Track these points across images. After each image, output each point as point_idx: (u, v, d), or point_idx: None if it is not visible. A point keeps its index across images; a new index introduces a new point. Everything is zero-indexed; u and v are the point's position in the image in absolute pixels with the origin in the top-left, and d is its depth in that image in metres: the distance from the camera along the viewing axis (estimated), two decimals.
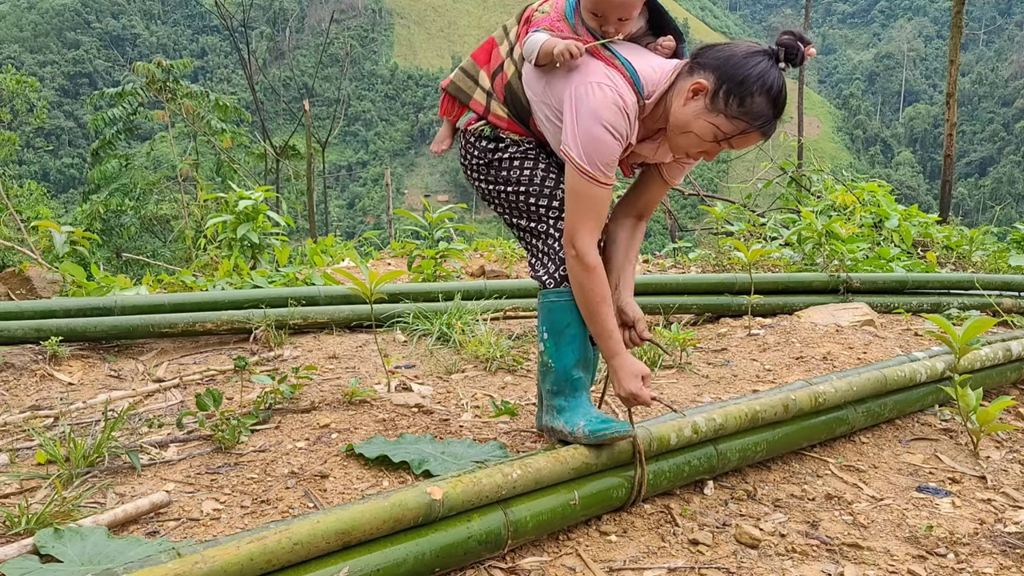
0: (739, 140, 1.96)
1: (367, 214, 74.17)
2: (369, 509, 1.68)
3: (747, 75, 1.88)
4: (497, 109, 2.19)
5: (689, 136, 1.97)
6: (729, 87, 1.89)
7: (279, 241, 5.97)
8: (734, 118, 1.91)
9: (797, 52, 1.91)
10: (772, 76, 1.89)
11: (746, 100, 1.89)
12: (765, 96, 1.89)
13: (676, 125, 1.99)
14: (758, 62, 1.90)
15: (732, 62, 1.91)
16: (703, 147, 1.98)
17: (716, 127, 1.93)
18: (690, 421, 2.25)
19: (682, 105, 1.96)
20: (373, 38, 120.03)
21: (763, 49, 1.92)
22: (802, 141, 13.87)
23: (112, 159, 17.23)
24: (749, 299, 4.30)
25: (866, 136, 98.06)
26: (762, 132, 1.93)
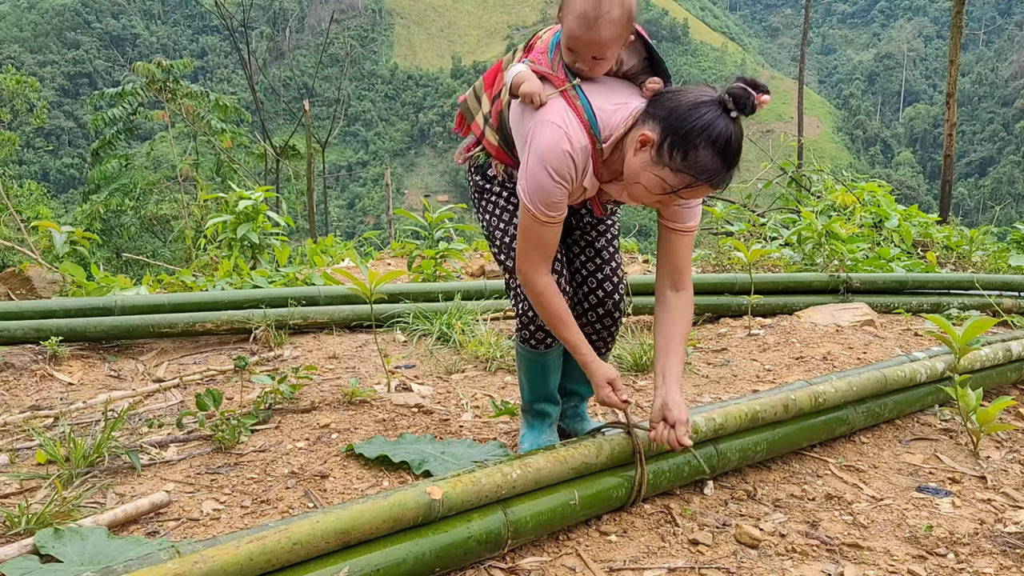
0: (687, 193, 1.90)
1: (367, 214, 74.16)
2: (369, 509, 1.68)
3: (691, 128, 1.81)
4: (490, 135, 2.23)
5: (638, 187, 1.94)
6: (673, 140, 1.83)
7: (279, 241, 5.97)
8: (679, 171, 1.85)
9: (747, 101, 1.82)
10: (718, 128, 1.81)
11: (689, 153, 1.82)
12: (710, 149, 1.81)
13: (628, 175, 1.95)
14: (703, 113, 1.82)
15: (677, 113, 1.84)
16: (652, 198, 1.95)
17: (662, 180, 1.88)
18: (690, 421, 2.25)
19: (632, 155, 1.92)
20: (373, 38, 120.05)
21: (711, 99, 1.84)
22: (802, 141, 13.87)
23: (112, 159, 17.22)
24: (749, 299, 4.30)
25: (866, 136, 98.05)
26: (711, 185, 1.86)
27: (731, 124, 1.82)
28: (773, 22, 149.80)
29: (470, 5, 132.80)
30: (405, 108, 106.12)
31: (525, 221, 2.04)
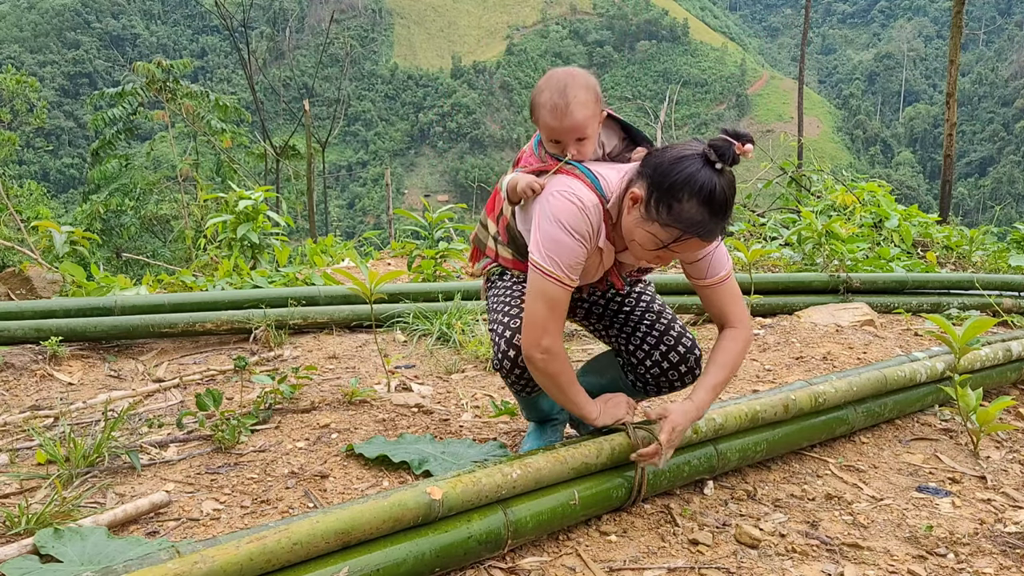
0: (679, 247, 1.90)
1: (367, 214, 74.18)
2: (369, 509, 1.68)
3: (673, 181, 1.83)
4: (503, 251, 2.28)
5: (634, 244, 1.97)
6: (658, 195, 1.86)
7: (279, 241, 5.97)
8: (667, 225, 1.86)
9: (728, 151, 1.83)
10: (701, 179, 1.82)
11: (674, 207, 1.84)
12: (694, 200, 1.82)
13: (625, 233, 1.99)
14: (686, 167, 1.83)
15: (660, 169, 1.87)
16: (649, 255, 1.96)
17: (653, 235, 1.89)
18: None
19: (627, 214, 1.96)
20: (373, 38, 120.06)
21: (694, 152, 1.85)
22: (802, 141, 13.87)
23: (112, 159, 17.22)
24: (749, 299, 4.30)
25: (866, 136, 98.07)
26: (700, 237, 1.86)
27: (715, 175, 1.83)
28: (773, 22, 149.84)
29: (470, 5, 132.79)
30: (405, 108, 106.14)
31: (538, 286, 1.98)
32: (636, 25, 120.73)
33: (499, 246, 2.28)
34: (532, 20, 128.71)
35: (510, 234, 2.23)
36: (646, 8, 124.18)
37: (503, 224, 2.25)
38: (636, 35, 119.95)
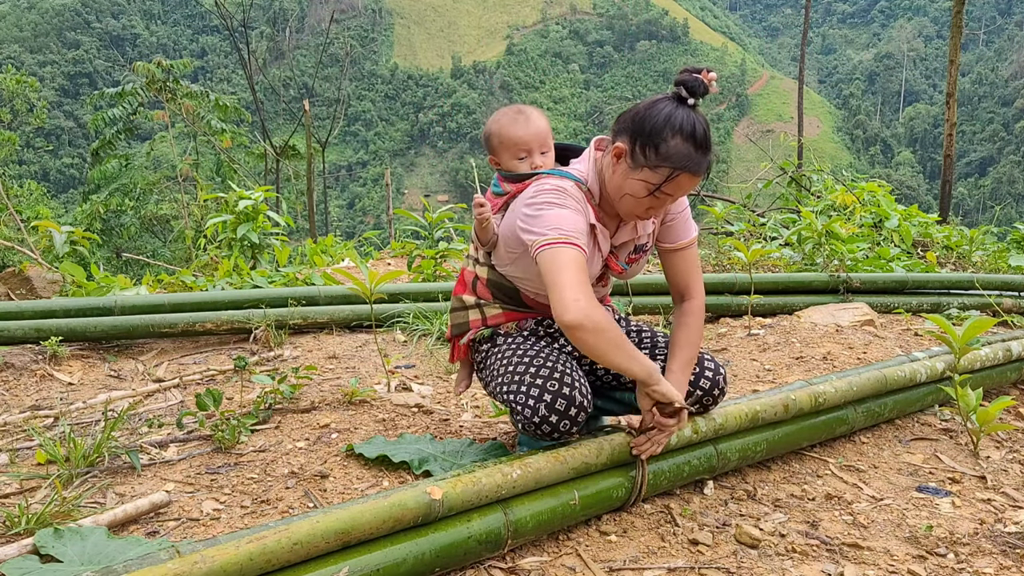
0: (671, 186, 1.96)
1: (367, 214, 74.19)
2: (369, 509, 1.68)
3: (655, 123, 1.92)
4: (492, 310, 2.29)
5: (626, 198, 2.02)
6: (642, 141, 1.94)
7: (279, 241, 5.97)
8: (657, 167, 1.93)
9: (697, 84, 1.93)
10: (679, 116, 1.91)
11: (661, 146, 1.92)
12: (679, 136, 1.91)
13: (613, 192, 2.05)
14: (662, 108, 1.93)
15: (638, 118, 1.95)
16: (642, 205, 2.01)
17: (644, 181, 1.96)
18: (690, 421, 2.25)
19: (612, 173, 2.03)
20: (373, 38, 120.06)
21: (664, 96, 1.96)
22: (802, 141, 13.87)
23: (112, 159, 17.23)
24: (749, 299, 4.30)
25: (866, 136, 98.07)
26: (690, 172, 1.93)
27: (691, 112, 1.94)
28: (773, 22, 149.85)
29: (470, 5, 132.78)
30: (405, 108, 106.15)
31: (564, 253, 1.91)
32: (636, 25, 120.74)
33: (485, 309, 2.29)
34: (532, 20, 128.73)
35: (494, 287, 2.26)
36: (646, 8, 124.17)
37: (483, 284, 2.29)
38: (636, 35, 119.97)
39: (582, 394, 2.04)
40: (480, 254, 2.30)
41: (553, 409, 2.01)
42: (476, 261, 2.32)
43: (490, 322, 2.29)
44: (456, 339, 2.37)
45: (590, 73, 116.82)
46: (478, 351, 2.32)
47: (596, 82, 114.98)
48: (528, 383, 2.06)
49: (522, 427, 2.08)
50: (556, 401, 2.01)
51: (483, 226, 2.18)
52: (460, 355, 2.38)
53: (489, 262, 2.26)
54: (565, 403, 2.01)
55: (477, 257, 2.32)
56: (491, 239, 2.20)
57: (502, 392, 2.14)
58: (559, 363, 2.11)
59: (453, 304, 2.38)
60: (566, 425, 2.02)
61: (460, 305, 2.35)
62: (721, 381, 2.24)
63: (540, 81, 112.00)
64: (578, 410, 2.02)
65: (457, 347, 2.38)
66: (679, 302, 2.27)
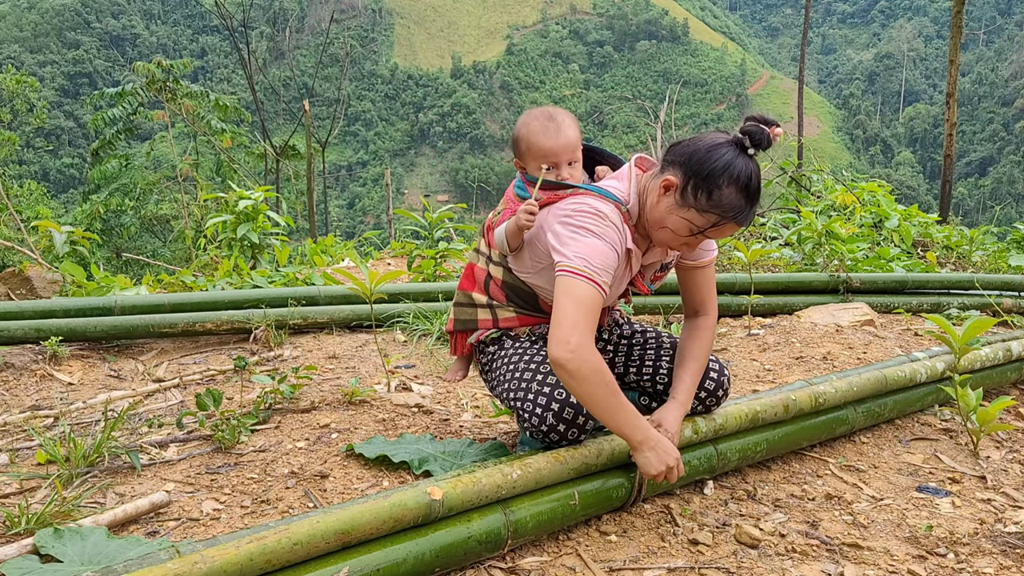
0: (714, 232, 1.96)
1: (367, 214, 74.19)
2: (369, 509, 1.68)
3: (712, 168, 1.89)
4: (504, 313, 2.25)
5: (665, 231, 2.00)
6: (696, 182, 1.90)
7: (279, 241, 5.97)
8: (705, 212, 1.92)
9: (763, 137, 1.90)
10: (738, 166, 1.89)
11: (714, 193, 1.89)
12: (734, 187, 1.89)
13: (653, 221, 2.01)
14: (723, 154, 1.89)
15: (697, 157, 1.91)
16: (680, 241, 2.00)
17: (689, 221, 1.94)
18: (690, 421, 2.25)
19: (656, 202, 1.99)
20: (373, 38, 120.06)
21: (728, 139, 1.92)
22: (802, 141, 13.87)
23: (112, 159, 17.22)
24: (749, 299, 4.30)
25: (866, 136, 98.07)
26: (736, 222, 1.93)
27: (749, 162, 1.91)
28: (773, 22, 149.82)
29: (470, 5, 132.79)
30: (405, 108, 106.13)
31: (582, 289, 1.90)
32: (636, 25, 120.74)
33: (498, 310, 2.24)
34: (532, 20, 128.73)
35: (510, 290, 2.21)
36: (646, 8, 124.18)
37: (496, 285, 2.23)
38: (636, 35, 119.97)
39: None
40: (494, 253, 2.23)
41: (560, 418, 2.00)
42: (489, 259, 2.25)
43: (502, 324, 2.25)
44: (460, 334, 2.35)
45: (590, 73, 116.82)
46: (484, 352, 2.30)
47: (596, 82, 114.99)
48: (536, 391, 2.05)
49: (530, 435, 2.08)
50: (564, 410, 2.00)
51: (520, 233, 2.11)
52: (462, 351, 2.36)
53: (505, 264, 2.20)
54: (573, 411, 2.00)
55: (490, 255, 2.25)
56: (518, 246, 2.15)
57: (510, 399, 2.13)
58: None
59: (460, 298, 2.33)
60: (574, 433, 2.02)
61: (468, 301, 2.30)
62: (725, 382, 2.24)
63: (540, 81, 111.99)
64: (585, 418, 2.01)
65: (460, 342, 2.35)
66: (692, 316, 2.25)
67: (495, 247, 2.22)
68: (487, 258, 2.26)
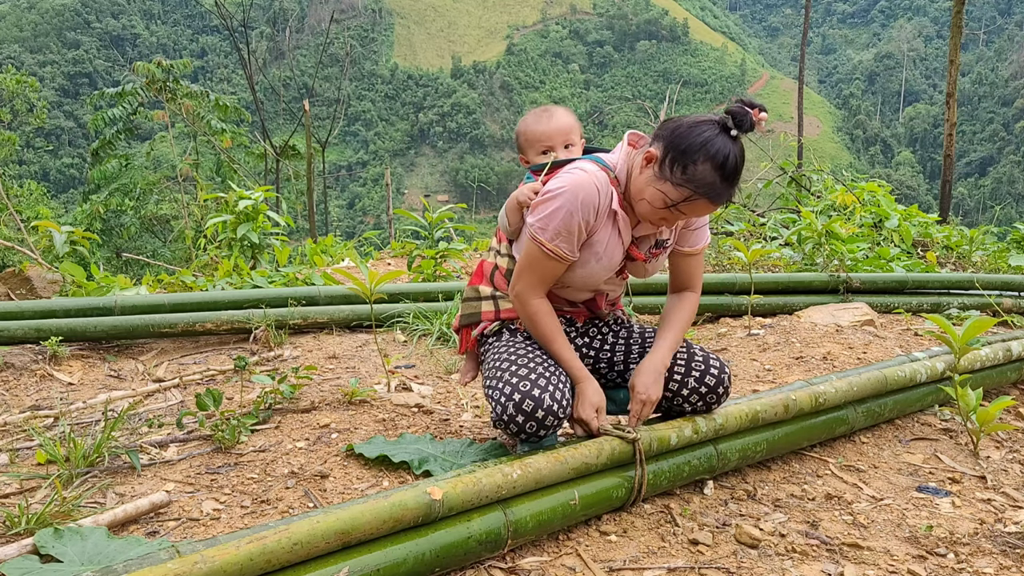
0: (687, 207, 2.00)
1: (367, 214, 74.18)
2: (369, 509, 1.68)
3: (690, 144, 1.94)
4: (506, 303, 2.31)
5: (643, 203, 2.06)
6: (674, 155, 1.96)
7: (279, 241, 5.96)
8: (679, 185, 1.97)
9: (746, 119, 1.94)
10: (717, 144, 1.93)
11: (688, 167, 1.94)
12: (709, 163, 1.92)
13: (635, 192, 2.09)
14: (703, 131, 1.95)
15: (679, 132, 1.97)
16: (657, 214, 2.05)
17: (664, 194, 2.00)
18: (690, 421, 2.25)
19: (638, 174, 2.07)
20: (373, 38, 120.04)
21: (711, 119, 1.97)
22: (802, 141, 13.87)
23: (112, 159, 17.22)
24: (749, 299, 4.30)
25: (866, 136, 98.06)
26: (709, 199, 1.96)
27: (730, 143, 1.95)
28: (773, 22, 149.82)
29: (470, 5, 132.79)
30: (405, 108, 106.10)
31: (533, 250, 2.10)
32: (636, 25, 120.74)
33: (500, 301, 2.31)
34: (532, 20, 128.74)
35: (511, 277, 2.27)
36: (646, 8, 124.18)
37: (501, 274, 2.30)
38: (636, 35, 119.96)
39: (553, 398, 2.04)
40: (503, 246, 2.32)
41: (520, 409, 2.03)
42: (498, 252, 2.34)
43: (503, 315, 2.29)
44: (466, 329, 2.38)
45: (590, 73, 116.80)
46: (484, 343, 2.34)
47: (596, 82, 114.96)
48: (505, 381, 2.09)
49: (494, 424, 2.11)
50: (524, 402, 2.03)
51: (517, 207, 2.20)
52: (468, 346, 2.39)
53: (511, 252, 2.29)
54: (532, 404, 2.02)
55: (499, 249, 2.34)
56: (518, 225, 2.23)
57: (485, 386, 2.20)
58: (542, 366, 2.11)
59: (467, 294, 2.39)
60: (532, 427, 2.04)
61: (475, 295, 2.36)
62: (726, 379, 2.25)
63: (540, 81, 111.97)
64: (545, 413, 2.02)
65: (465, 338, 2.39)
66: (679, 292, 2.34)
67: (501, 231, 2.33)
68: (496, 252, 2.35)
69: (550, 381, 2.07)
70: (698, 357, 2.26)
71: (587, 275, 2.18)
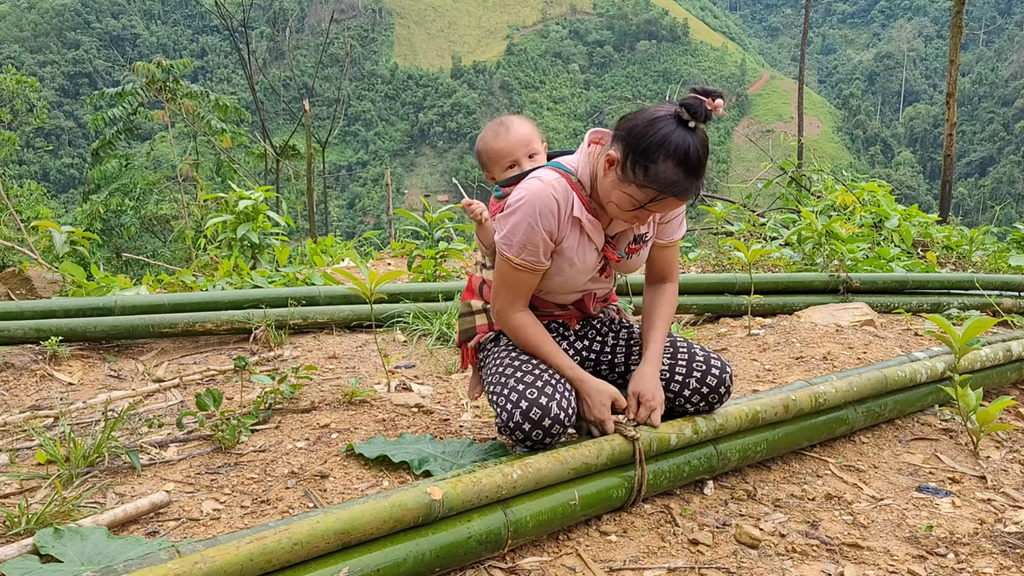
0: (655, 206, 1.97)
1: (367, 214, 74.18)
2: (369, 509, 1.68)
3: (648, 143, 1.88)
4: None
5: (611, 205, 2.03)
6: (633, 157, 1.91)
7: (279, 241, 5.96)
8: (643, 187, 1.92)
9: (699, 109, 1.87)
10: (675, 140, 1.86)
11: (650, 168, 1.89)
12: (670, 161, 1.87)
13: (602, 195, 2.05)
14: (660, 128, 1.88)
15: (635, 132, 1.91)
16: (627, 215, 2.02)
17: (630, 196, 1.96)
18: (690, 421, 2.25)
19: (603, 176, 2.02)
20: (373, 38, 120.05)
21: (667, 113, 1.90)
22: (802, 141, 13.87)
23: (112, 159, 17.22)
24: (749, 299, 4.30)
25: (866, 136, 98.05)
26: (676, 196, 1.92)
27: (688, 135, 1.88)
28: (773, 22, 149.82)
29: (470, 5, 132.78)
30: (405, 108, 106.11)
31: (502, 267, 2.10)
32: (636, 25, 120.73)
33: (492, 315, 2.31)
34: (532, 20, 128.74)
35: None
36: (646, 8, 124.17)
37: (488, 289, 2.31)
38: (636, 35, 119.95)
39: (560, 407, 2.04)
40: (487, 259, 2.32)
41: (527, 417, 2.03)
42: (483, 266, 2.35)
43: (497, 326, 2.31)
44: (466, 344, 2.39)
45: (590, 73, 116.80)
46: (482, 350, 2.34)
47: (596, 82, 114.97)
48: (511, 387, 2.09)
49: (499, 430, 2.10)
50: (531, 410, 2.03)
51: (482, 226, 2.21)
52: (470, 360, 2.41)
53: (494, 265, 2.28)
54: (540, 413, 2.02)
55: (484, 262, 2.34)
56: (490, 243, 2.22)
57: (488, 393, 2.19)
58: (547, 372, 2.12)
59: (461, 309, 2.41)
60: (538, 434, 2.04)
61: (468, 310, 2.37)
62: (727, 380, 2.25)
63: (540, 81, 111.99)
64: (552, 422, 2.03)
65: (467, 353, 2.40)
66: (658, 283, 2.35)
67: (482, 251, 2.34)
68: (482, 265, 2.36)
69: (556, 389, 2.08)
70: (699, 357, 2.26)
71: (565, 281, 2.18)
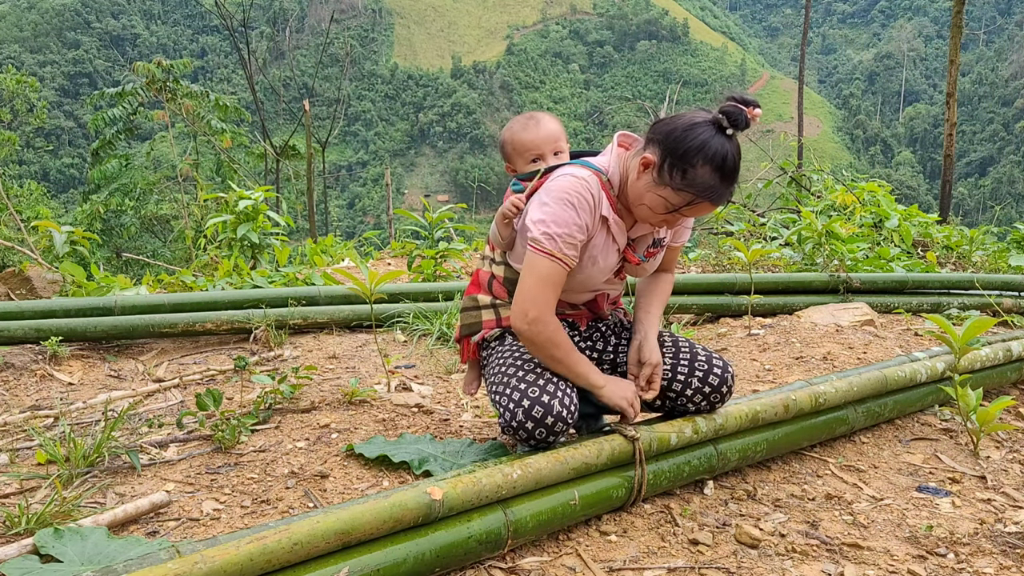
0: (689, 210, 2.00)
1: (367, 214, 74.20)
2: (369, 509, 1.68)
3: (688, 148, 1.91)
4: (507, 311, 2.29)
5: (643, 208, 2.05)
6: (672, 161, 1.93)
7: (279, 241, 5.97)
8: (680, 190, 1.95)
9: (741, 117, 1.91)
10: (714, 146, 1.90)
11: (688, 172, 1.92)
12: (708, 166, 1.91)
13: (633, 197, 2.07)
14: (700, 133, 1.91)
15: (674, 136, 1.93)
16: (658, 218, 2.05)
17: (665, 199, 1.98)
18: (691, 421, 2.25)
19: (636, 179, 2.04)
20: (373, 38, 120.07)
21: (706, 119, 1.93)
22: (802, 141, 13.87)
23: (112, 159, 17.22)
24: (749, 299, 4.30)
25: (866, 136, 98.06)
26: (711, 201, 1.96)
27: (727, 142, 1.93)
28: (773, 22, 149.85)
29: (470, 5, 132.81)
30: (405, 108, 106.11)
31: (541, 264, 2.03)
32: (636, 25, 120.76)
33: (500, 309, 2.30)
34: (532, 20, 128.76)
35: (511, 284, 2.25)
36: (646, 8, 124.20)
37: (499, 283, 2.29)
38: (636, 35, 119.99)
39: (563, 405, 2.04)
40: (496, 254, 2.31)
41: (530, 416, 2.03)
42: (492, 261, 2.33)
43: (504, 323, 2.29)
44: (467, 339, 2.37)
45: (590, 73, 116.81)
46: (486, 348, 2.33)
47: (596, 82, 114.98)
48: (514, 386, 2.09)
49: (502, 429, 2.10)
50: (533, 408, 2.02)
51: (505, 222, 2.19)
52: (470, 355, 2.39)
53: (506, 260, 2.27)
54: (542, 411, 2.02)
55: (493, 257, 2.32)
56: (510, 237, 2.21)
57: (492, 391, 2.19)
58: (549, 371, 2.12)
59: (465, 304, 2.38)
60: (542, 433, 2.03)
61: (473, 305, 2.35)
62: (729, 379, 2.25)
63: (540, 81, 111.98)
64: (555, 420, 2.02)
65: (467, 348, 2.38)
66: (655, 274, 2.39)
67: (492, 243, 2.30)
68: (491, 260, 2.33)
69: (559, 387, 2.07)
70: (701, 357, 2.26)
71: (585, 280, 2.18)
